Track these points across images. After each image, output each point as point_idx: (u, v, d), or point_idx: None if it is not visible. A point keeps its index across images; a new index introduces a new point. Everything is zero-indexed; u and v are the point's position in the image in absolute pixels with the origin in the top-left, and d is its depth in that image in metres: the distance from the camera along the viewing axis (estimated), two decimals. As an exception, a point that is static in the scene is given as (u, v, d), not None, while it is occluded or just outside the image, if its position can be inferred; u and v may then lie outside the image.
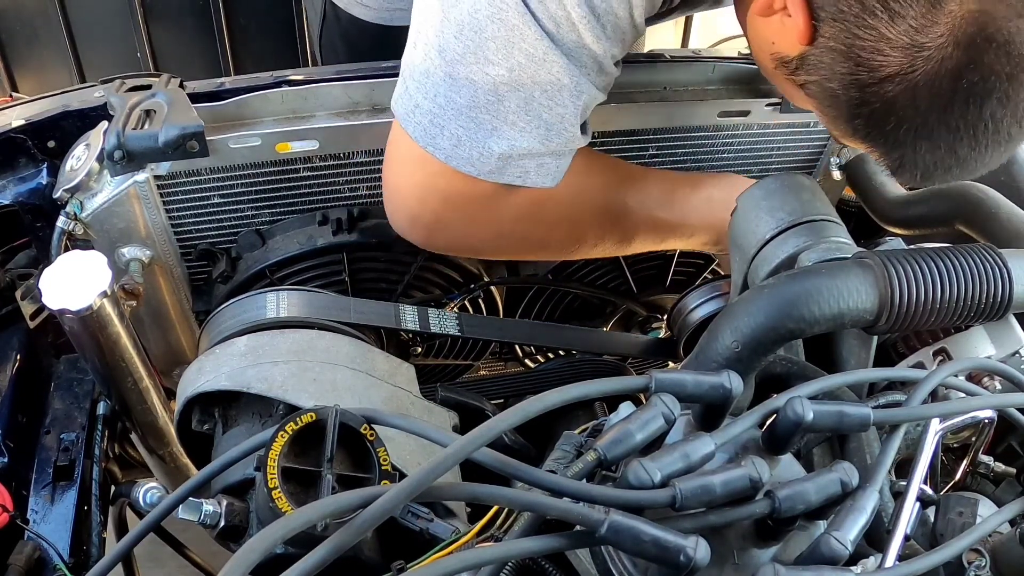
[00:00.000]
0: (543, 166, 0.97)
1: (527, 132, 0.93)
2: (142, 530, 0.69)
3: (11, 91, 2.23)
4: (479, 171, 0.95)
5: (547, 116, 0.93)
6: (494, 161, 0.94)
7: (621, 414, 0.69)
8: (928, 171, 0.82)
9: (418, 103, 0.94)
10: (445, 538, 0.74)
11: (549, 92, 0.92)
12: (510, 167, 0.95)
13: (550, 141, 0.95)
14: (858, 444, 0.78)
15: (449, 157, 0.94)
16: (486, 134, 0.93)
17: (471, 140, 0.93)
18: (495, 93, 0.91)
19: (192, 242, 1.17)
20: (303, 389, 0.90)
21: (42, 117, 1.11)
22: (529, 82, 0.90)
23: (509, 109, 0.92)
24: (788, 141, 1.30)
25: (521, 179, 0.97)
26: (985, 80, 0.75)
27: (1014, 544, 0.68)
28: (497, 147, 0.93)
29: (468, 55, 0.90)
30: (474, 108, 0.92)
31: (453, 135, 0.93)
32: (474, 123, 0.92)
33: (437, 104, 0.93)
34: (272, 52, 2.26)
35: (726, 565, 0.62)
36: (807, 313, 0.73)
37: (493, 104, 0.91)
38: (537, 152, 0.95)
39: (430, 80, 0.92)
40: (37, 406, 1.10)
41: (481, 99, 0.91)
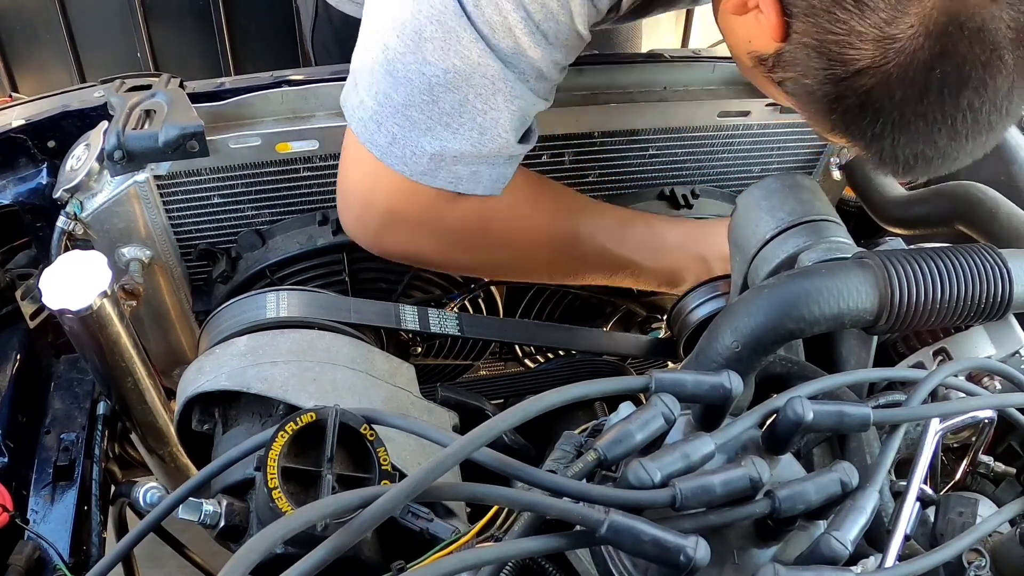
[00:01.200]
0: (476, 174, 0.97)
1: (459, 134, 0.94)
2: (142, 530, 0.69)
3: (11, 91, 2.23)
4: (412, 171, 0.96)
5: (481, 120, 0.93)
6: (426, 161, 0.95)
7: (621, 414, 0.69)
8: (909, 163, 0.81)
9: (362, 100, 0.95)
10: (445, 538, 0.74)
11: (483, 96, 0.92)
12: (442, 170, 0.96)
13: (483, 146, 0.95)
14: (858, 444, 0.78)
15: (384, 155, 0.95)
16: (420, 133, 0.93)
17: (405, 138, 0.94)
18: (430, 93, 0.92)
19: (192, 242, 1.17)
20: (303, 389, 0.90)
21: (42, 117, 1.11)
22: (464, 84, 0.91)
23: (443, 110, 0.92)
24: (788, 141, 1.30)
25: (453, 184, 0.97)
26: (959, 69, 0.74)
27: (1014, 544, 0.68)
28: (429, 147, 0.94)
29: (408, 54, 0.91)
30: (409, 107, 0.93)
31: (389, 132, 0.94)
32: (409, 121, 0.93)
33: (377, 101, 0.94)
34: (272, 52, 2.26)
35: (726, 565, 0.62)
36: (807, 313, 0.73)
37: (428, 104, 0.92)
38: (470, 156, 0.95)
39: (373, 77, 0.94)
40: (37, 406, 1.10)
41: (417, 98, 0.92)
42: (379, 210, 1.02)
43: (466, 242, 1.06)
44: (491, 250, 1.09)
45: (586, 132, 1.20)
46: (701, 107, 1.22)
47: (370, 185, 1.00)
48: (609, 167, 1.25)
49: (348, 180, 1.03)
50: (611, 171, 1.26)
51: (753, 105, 1.22)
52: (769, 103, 1.22)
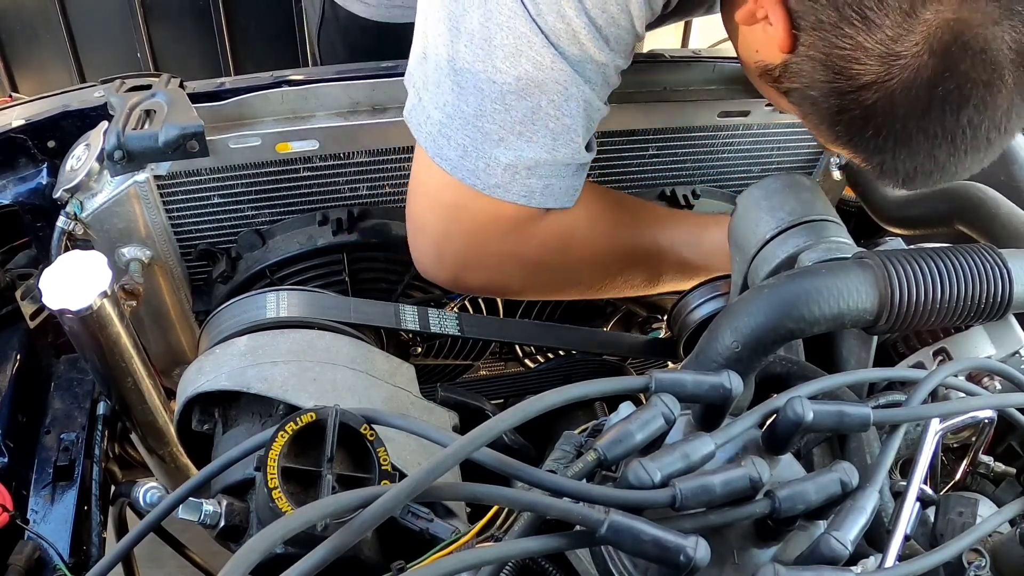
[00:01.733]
0: (549, 187, 0.96)
1: (533, 142, 0.92)
2: (142, 530, 0.69)
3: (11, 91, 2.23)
4: (485, 184, 0.94)
5: (553, 126, 0.92)
6: (500, 172, 0.93)
7: (621, 414, 0.69)
8: (909, 176, 0.83)
9: (429, 114, 0.94)
10: (445, 538, 0.74)
11: (556, 102, 0.91)
12: (516, 183, 0.94)
13: (557, 151, 0.94)
14: (858, 444, 0.78)
15: (455, 168, 0.94)
16: (492, 144, 0.92)
17: (477, 150, 0.93)
18: (502, 102, 0.90)
19: (192, 242, 1.17)
20: (303, 389, 0.90)
21: (42, 117, 1.11)
22: (536, 91, 0.90)
23: (515, 119, 0.91)
24: (788, 141, 1.30)
25: (527, 198, 0.96)
26: (961, 88, 0.75)
27: (1014, 544, 0.68)
28: (503, 157, 0.93)
29: (477, 63, 0.90)
30: (480, 117, 0.91)
31: (459, 145, 0.93)
32: (480, 132, 0.92)
33: (445, 114, 0.92)
34: (272, 52, 2.26)
35: (726, 565, 0.62)
36: (807, 313, 0.73)
37: (500, 113, 0.91)
38: (544, 164, 0.94)
39: (440, 90, 0.92)
40: (37, 406, 1.10)
41: (488, 107, 0.91)
42: (460, 240, 1.00)
43: (548, 265, 1.05)
44: (572, 269, 1.08)
45: (586, 132, 1.20)
46: (701, 107, 1.22)
47: (446, 211, 0.98)
48: (609, 167, 1.25)
49: (420, 206, 1.01)
50: (611, 171, 1.26)
51: (753, 105, 1.22)
52: (769, 103, 1.22)
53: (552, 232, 1.01)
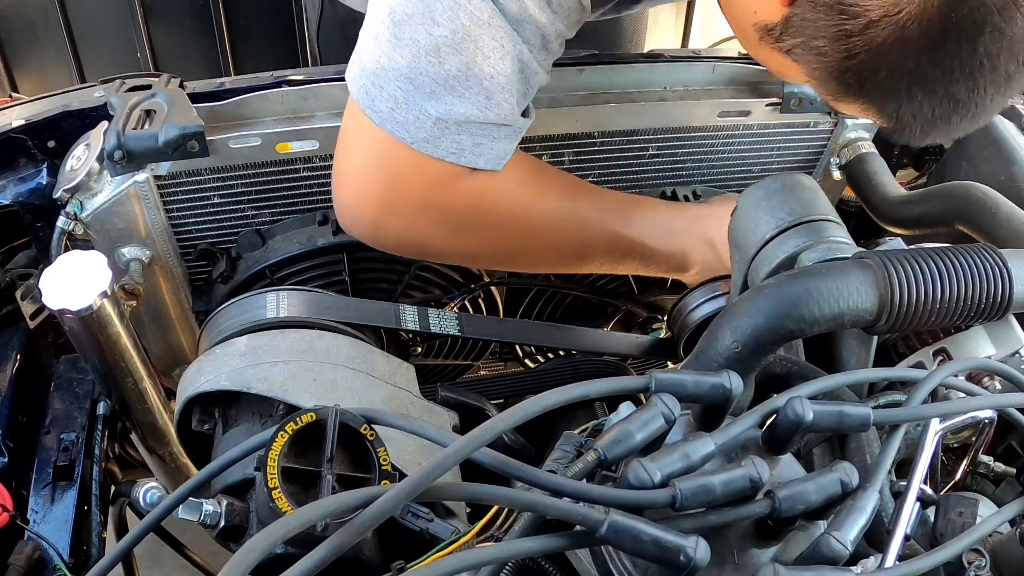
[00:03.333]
0: (479, 145, 0.95)
1: (465, 98, 0.91)
2: (142, 530, 0.69)
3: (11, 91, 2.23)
4: (413, 137, 0.93)
5: (487, 84, 0.91)
6: (429, 127, 0.92)
7: (621, 414, 0.69)
8: (927, 122, 0.80)
9: (364, 65, 0.93)
10: (445, 538, 0.74)
11: (491, 59, 0.90)
12: (445, 138, 0.93)
13: (488, 111, 0.93)
14: (858, 444, 0.78)
15: (384, 120, 0.93)
16: (424, 97, 0.91)
17: (408, 102, 0.91)
18: (437, 54, 0.89)
19: (192, 242, 1.17)
20: (303, 389, 0.90)
21: (42, 117, 1.11)
22: (471, 46, 0.89)
23: (449, 72, 0.90)
24: (788, 141, 1.30)
25: (455, 155, 0.94)
26: (974, 13, 0.72)
27: (1014, 544, 0.68)
28: (433, 110, 0.91)
29: (416, 15, 0.89)
30: (414, 69, 0.90)
31: (391, 96, 0.92)
32: (413, 85, 0.91)
33: (380, 65, 0.92)
34: (272, 52, 2.26)
35: (726, 565, 0.62)
36: (807, 313, 0.73)
37: (434, 66, 0.90)
38: (474, 122, 0.93)
39: (377, 42, 0.92)
40: (37, 406, 1.10)
41: (422, 60, 0.90)
42: (379, 189, 0.99)
43: (470, 225, 1.04)
44: (495, 234, 1.07)
45: (586, 132, 1.20)
46: (701, 107, 1.22)
47: (371, 161, 0.97)
48: (609, 167, 1.25)
49: (346, 160, 1.00)
50: (611, 171, 1.26)
51: (753, 105, 1.22)
52: (769, 103, 1.22)
53: (476, 192, 0.99)
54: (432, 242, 1.06)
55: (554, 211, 1.08)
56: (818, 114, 1.25)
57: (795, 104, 1.20)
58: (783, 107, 1.21)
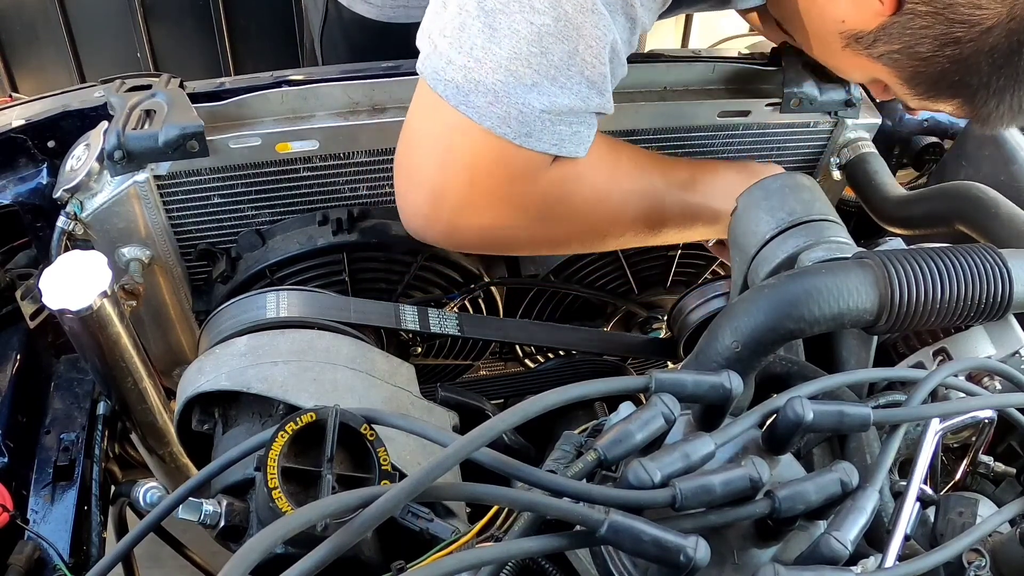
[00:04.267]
0: (577, 134, 0.92)
1: (568, 89, 0.87)
2: (142, 530, 0.69)
3: (11, 91, 2.23)
4: (515, 132, 0.88)
5: (589, 73, 0.88)
6: (533, 119, 0.88)
7: (621, 414, 0.69)
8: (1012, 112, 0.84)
9: (451, 59, 0.87)
10: (445, 538, 0.74)
11: (593, 48, 0.86)
12: (547, 130, 0.89)
13: (590, 100, 0.89)
14: (858, 444, 0.78)
15: (483, 116, 0.87)
16: (526, 89, 0.86)
17: (509, 96, 0.86)
18: (539, 44, 0.85)
19: (192, 242, 1.17)
20: (303, 389, 0.90)
21: (42, 117, 1.11)
22: (575, 34, 0.85)
23: (552, 63, 0.86)
24: (788, 141, 1.29)
25: (556, 147, 0.91)
26: None
27: (1014, 544, 0.68)
28: (538, 103, 0.87)
29: (512, 4, 0.84)
30: (515, 60, 0.85)
31: (489, 90, 0.86)
32: (514, 77, 0.86)
33: (473, 58, 0.86)
34: (272, 52, 2.26)
35: (726, 565, 0.62)
36: (807, 313, 0.73)
37: (536, 56, 0.85)
38: (576, 111, 0.90)
39: (465, 33, 0.86)
40: (37, 406, 1.10)
41: (524, 50, 0.85)
42: (461, 186, 0.93)
43: (555, 214, 1.00)
44: (579, 218, 1.03)
45: (586, 132, 1.20)
46: (701, 107, 1.21)
47: (451, 157, 0.92)
48: (609, 167, 1.25)
49: (419, 159, 0.95)
50: (611, 171, 1.26)
51: (753, 105, 1.22)
52: (769, 103, 1.22)
53: (561, 179, 0.96)
54: (516, 235, 1.02)
55: (630, 188, 1.05)
56: (818, 114, 1.25)
57: (795, 104, 1.20)
58: (783, 107, 1.21)
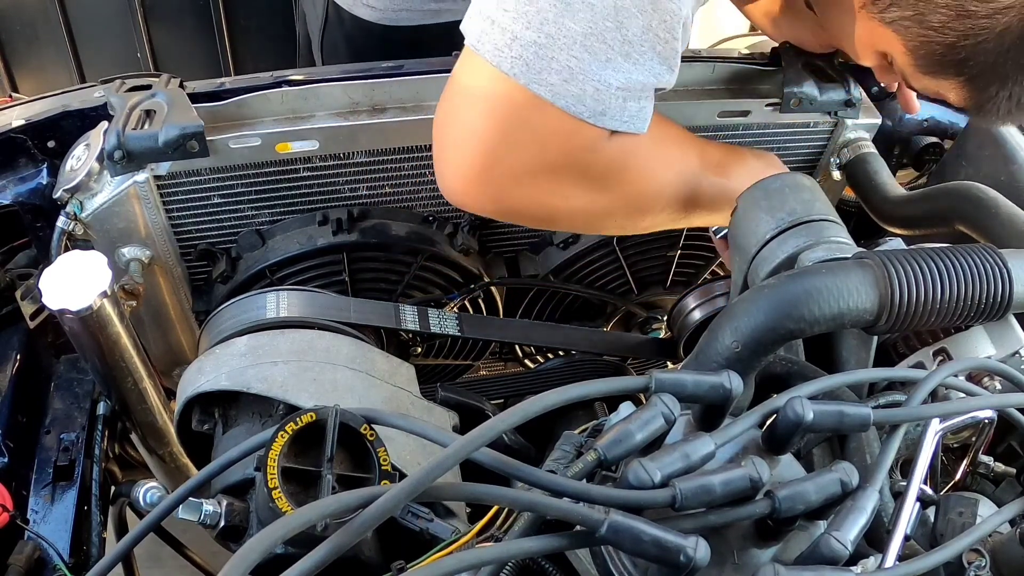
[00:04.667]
0: (643, 110, 0.89)
1: (641, 64, 0.84)
2: (142, 530, 0.69)
3: (11, 91, 2.23)
4: (590, 111, 0.85)
5: (660, 49, 0.85)
6: (608, 97, 0.85)
7: (621, 414, 0.69)
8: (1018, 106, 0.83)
9: (516, 34, 0.82)
10: (445, 538, 0.74)
11: (667, 23, 0.84)
12: (619, 107, 0.86)
13: (661, 76, 0.87)
14: (858, 444, 0.78)
15: (557, 95, 0.83)
16: (601, 66, 0.83)
17: (585, 73, 0.83)
18: (616, 19, 0.81)
19: (192, 242, 1.17)
20: (303, 389, 0.91)
21: (42, 117, 1.11)
22: (650, 8, 0.82)
23: (627, 38, 0.82)
24: (788, 141, 1.29)
25: (626, 124, 0.88)
26: None
27: (1014, 544, 0.68)
28: (614, 80, 0.84)
29: None
30: (590, 35, 0.82)
31: (564, 67, 0.82)
32: (589, 53, 0.82)
33: (544, 33, 0.81)
34: (272, 52, 2.26)
35: (726, 565, 0.62)
36: (807, 313, 0.73)
37: (612, 31, 0.82)
38: (647, 87, 0.87)
39: (532, 7, 0.82)
40: (37, 406, 1.10)
41: (600, 25, 0.81)
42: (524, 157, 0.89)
43: (606, 183, 0.96)
44: (626, 190, 1.00)
45: (586, 132, 1.20)
46: (701, 107, 1.21)
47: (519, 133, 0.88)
48: (609, 167, 1.25)
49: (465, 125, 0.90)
50: (611, 171, 1.26)
51: (753, 105, 1.22)
52: (769, 103, 1.22)
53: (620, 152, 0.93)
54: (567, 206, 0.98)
55: (676, 165, 1.03)
56: (818, 114, 1.25)
57: (795, 104, 1.20)
58: (783, 107, 1.21)
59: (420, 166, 1.16)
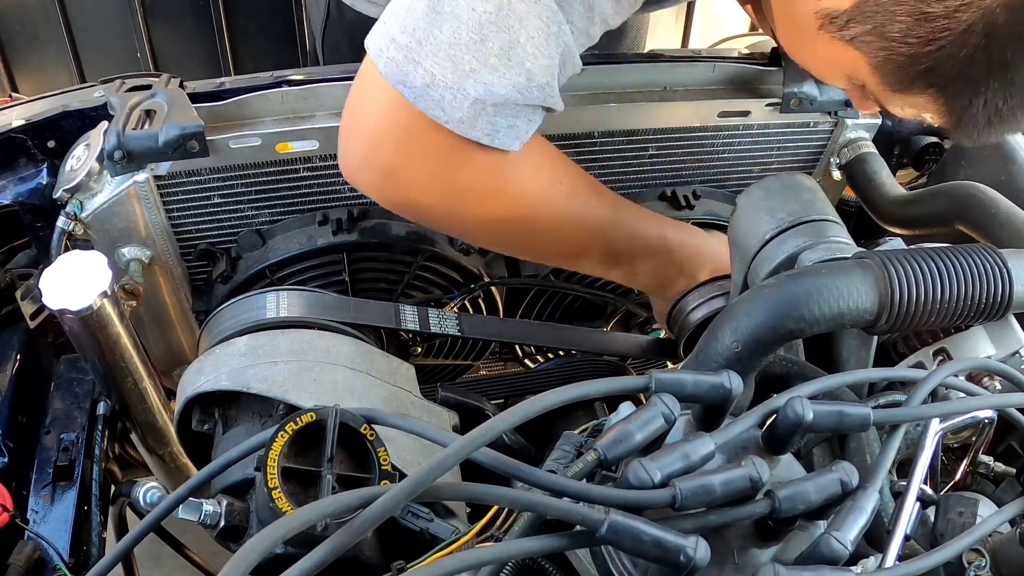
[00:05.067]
0: (514, 127, 0.91)
1: (506, 79, 0.87)
2: (142, 530, 0.69)
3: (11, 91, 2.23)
4: (448, 117, 0.88)
5: (529, 64, 0.87)
6: (467, 107, 0.88)
7: (621, 414, 0.69)
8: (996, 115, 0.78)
9: (394, 37, 0.88)
10: (445, 538, 0.74)
11: (536, 39, 0.86)
12: (481, 119, 0.89)
13: (528, 93, 0.89)
14: (858, 444, 0.78)
15: (419, 97, 0.87)
16: (463, 75, 0.86)
17: (446, 80, 0.86)
18: (480, 31, 0.85)
19: (192, 242, 1.17)
20: (303, 389, 0.90)
21: (42, 117, 1.11)
22: (517, 24, 0.85)
23: (491, 51, 0.85)
24: (788, 141, 1.30)
25: (490, 137, 0.90)
26: None
27: (1014, 544, 0.68)
28: (473, 91, 0.87)
29: None
30: (455, 45, 0.85)
31: (427, 73, 0.86)
32: (452, 62, 0.86)
33: (415, 39, 0.86)
34: (272, 52, 2.26)
35: (726, 565, 0.62)
36: (807, 313, 0.73)
37: (476, 43, 0.85)
38: (512, 103, 0.89)
39: (411, 15, 0.87)
40: (37, 406, 1.10)
41: (464, 36, 0.85)
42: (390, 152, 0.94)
43: (477, 200, 0.98)
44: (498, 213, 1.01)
45: (586, 132, 1.20)
46: (701, 107, 1.22)
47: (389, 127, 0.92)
48: (609, 167, 1.25)
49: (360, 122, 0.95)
50: (611, 171, 1.26)
51: (753, 105, 1.22)
52: (769, 103, 1.22)
53: (490, 168, 0.95)
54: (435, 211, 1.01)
55: (562, 204, 1.04)
56: (818, 114, 1.25)
57: (795, 104, 1.21)
58: (783, 107, 1.21)
59: (420, 166, 1.16)
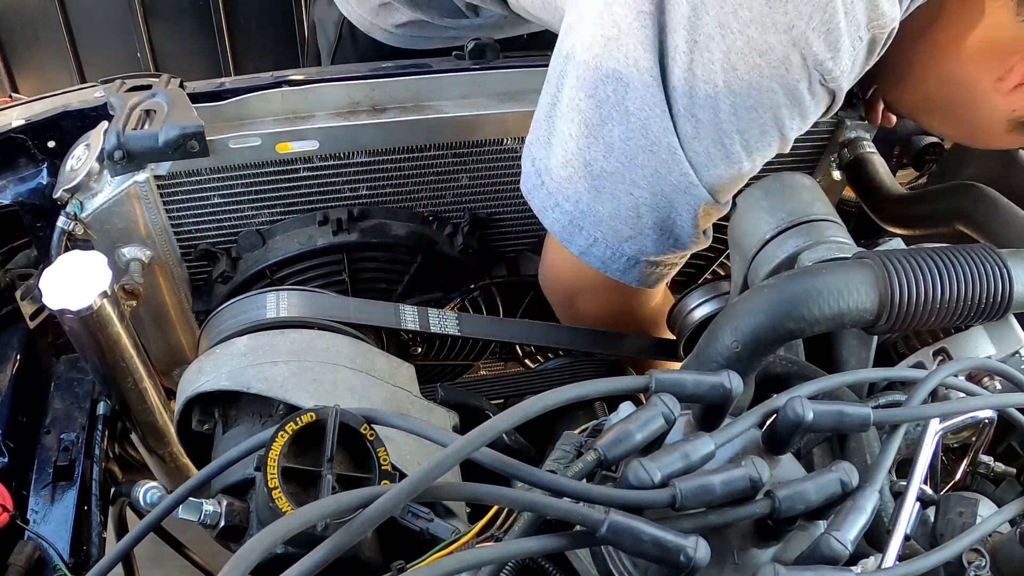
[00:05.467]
0: (654, 275, 1.04)
1: (658, 243, 0.99)
2: (142, 530, 0.69)
3: (11, 91, 2.23)
4: (608, 269, 1.01)
5: (678, 232, 0.98)
6: (623, 262, 1.00)
7: (621, 414, 0.69)
8: None
9: (558, 202, 0.98)
10: (445, 538, 0.74)
11: (684, 216, 0.96)
12: (633, 270, 1.02)
13: (675, 252, 1.01)
14: (858, 444, 0.78)
15: (583, 254, 1.00)
16: (620, 240, 0.98)
17: (606, 243, 0.99)
18: (636, 211, 0.95)
19: (192, 242, 1.17)
20: (303, 389, 0.90)
21: (42, 117, 1.11)
22: (668, 207, 0.95)
23: (646, 224, 0.97)
24: (788, 141, 1.29)
25: (640, 282, 1.03)
26: None
27: (1014, 544, 0.68)
28: (629, 251, 0.99)
29: (616, 175, 0.93)
30: (615, 219, 0.96)
31: (590, 236, 0.99)
32: (612, 231, 0.97)
33: (579, 209, 0.97)
34: (272, 52, 2.26)
35: (726, 565, 0.62)
36: (807, 313, 0.73)
37: (632, 219, 0.96)
38: (663, 261, 1.02)
39: (572, 187, 0.96)
40: (37, 406, 1.10)
41: (622, 213, 0.96)
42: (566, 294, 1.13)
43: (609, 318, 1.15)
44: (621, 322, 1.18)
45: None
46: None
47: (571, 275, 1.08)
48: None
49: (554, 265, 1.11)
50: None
51: (753, 105, 1.22)
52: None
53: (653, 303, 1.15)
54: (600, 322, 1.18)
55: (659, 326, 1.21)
56: (818, 114, 1.25)
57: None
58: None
59: (420, 166, 1.16)
